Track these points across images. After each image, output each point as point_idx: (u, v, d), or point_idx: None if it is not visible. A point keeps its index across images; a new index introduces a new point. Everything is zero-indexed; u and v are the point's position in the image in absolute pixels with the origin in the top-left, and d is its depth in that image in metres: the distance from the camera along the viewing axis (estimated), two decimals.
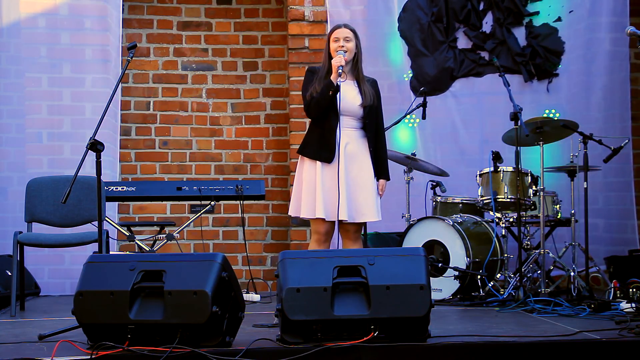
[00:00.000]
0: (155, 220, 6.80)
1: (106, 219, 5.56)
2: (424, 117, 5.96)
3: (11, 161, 6.31)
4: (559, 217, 5.84)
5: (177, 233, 5.71)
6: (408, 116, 6.19)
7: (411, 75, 6.63)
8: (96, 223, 4.54)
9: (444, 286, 5.39)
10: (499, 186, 5.56)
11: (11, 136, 6.32)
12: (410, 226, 5.63)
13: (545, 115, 6.46)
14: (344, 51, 4.46)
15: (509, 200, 5.53)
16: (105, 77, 6.37)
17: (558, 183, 6.22)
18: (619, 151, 5.61)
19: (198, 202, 6.02)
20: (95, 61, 6.40)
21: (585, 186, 5.35)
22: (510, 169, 5.54)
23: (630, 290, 4.91)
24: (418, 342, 3.48)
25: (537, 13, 6.66)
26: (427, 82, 6.52)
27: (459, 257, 5.42)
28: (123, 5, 6.69)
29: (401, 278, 3.46)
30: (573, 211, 5.80)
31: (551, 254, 5.68)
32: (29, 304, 5.45)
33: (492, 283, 5.39)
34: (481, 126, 6.66)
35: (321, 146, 4.48)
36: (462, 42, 6.69)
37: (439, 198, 5.99)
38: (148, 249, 5.66)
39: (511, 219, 5.70)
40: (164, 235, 5.71)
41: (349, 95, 4.50)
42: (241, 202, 5.91)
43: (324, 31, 6.50)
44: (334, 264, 3.53)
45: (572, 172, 5.78)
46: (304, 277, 3.48)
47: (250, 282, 5.94)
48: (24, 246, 5.07)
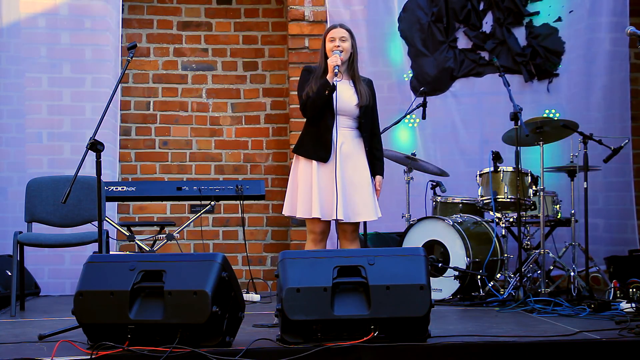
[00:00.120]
0: (155, 220, 6.80)
1: (106, 219, 5.56)
2: (424, 117, 5.96)
3: (11, 161, 6.31)
4: (559, 217, 5.83)
5: (177, 233, 5.71)
6: (408, 116, 6.18)
7: (411, 75, 6.63)
8: (96, 223, 4.54)
9: (444, 286, 5.39)
10: (499, 186, 5.55)
11: (11, 136, 6.32)
12: (410, 226, 5.63)
13: (545, 115, 6.46)
14: (339, 51, 4.45)
15: (509, 200, 5.53)
16: (105, 77, 6.36)
17: (558, 183, 6.21)
18: (619, 151, 5.61)
19: (198, 202, 6.02)
20: (95, 61, 6.39)
21: (585, 186, 5.35)
22: (510, 169, 5.54)
23: (630, 290, 4.91)
24: (418, 342, 3.47)
25: (537, 13, 6.65)
26: (427, 82, 6.51)
27: (459, 257, 5.41)
28: (123, 5, 6.69)
29: (401, 278, 3.46)
30: (573, 211, 5.79)
31: (551, 254, 5.68)
32: (29, 304, 5.45)
33: (492, 283, 5.39)
34: (481, 126, 6.65)
35: (317, 145, 4.47)
36: (462, 42, 6.69)
37: (439, 198, 5.99)
38: (148, 249, 5.66)
39: (511, 219, 5.70)
40: (164, 235, 5.71)
41: (345, 95, 4.49)
42: (241, 202, 5.91)
43: (324, 31, 6.49)
44: (334, 264, 3.53)
45: (572, 172, 5.78)
46: (304, 277, 3.48)
47: (250, 282, 5.94)
48: (24, 246, 5.07)
